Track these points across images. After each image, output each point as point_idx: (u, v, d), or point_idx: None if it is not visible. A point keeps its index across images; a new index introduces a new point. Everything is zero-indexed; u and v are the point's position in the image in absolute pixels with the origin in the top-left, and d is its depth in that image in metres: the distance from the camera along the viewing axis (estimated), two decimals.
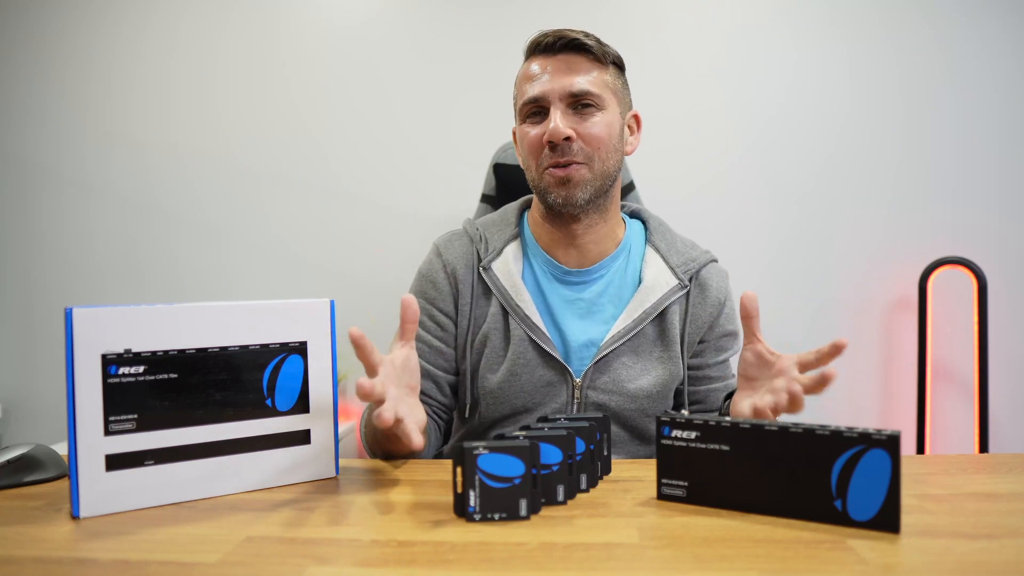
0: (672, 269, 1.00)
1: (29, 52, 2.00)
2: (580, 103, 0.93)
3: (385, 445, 0.85)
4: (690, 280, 1.01)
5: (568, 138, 0.92)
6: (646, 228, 1.07)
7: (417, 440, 0.68)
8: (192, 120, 1.99)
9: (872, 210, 1.89)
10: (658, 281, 0.99)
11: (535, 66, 0.96)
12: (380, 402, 0.66)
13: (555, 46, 0.94)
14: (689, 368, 1.02)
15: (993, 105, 1.87)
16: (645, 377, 0.97)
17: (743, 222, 1.91)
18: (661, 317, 0.99)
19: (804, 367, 0.74)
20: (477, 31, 1.93)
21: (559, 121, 0.92)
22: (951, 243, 1.86)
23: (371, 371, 0.70)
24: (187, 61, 1.99)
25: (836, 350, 0.72)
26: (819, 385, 0.69)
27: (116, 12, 1.99)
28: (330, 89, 1.97)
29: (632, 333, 0.97)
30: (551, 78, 0.94)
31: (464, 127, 1.93)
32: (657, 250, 1.03)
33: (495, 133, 1.75)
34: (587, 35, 0.95)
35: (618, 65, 0.99)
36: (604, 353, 0.96)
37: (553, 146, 0.93)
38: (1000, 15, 1.85)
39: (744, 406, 0.78)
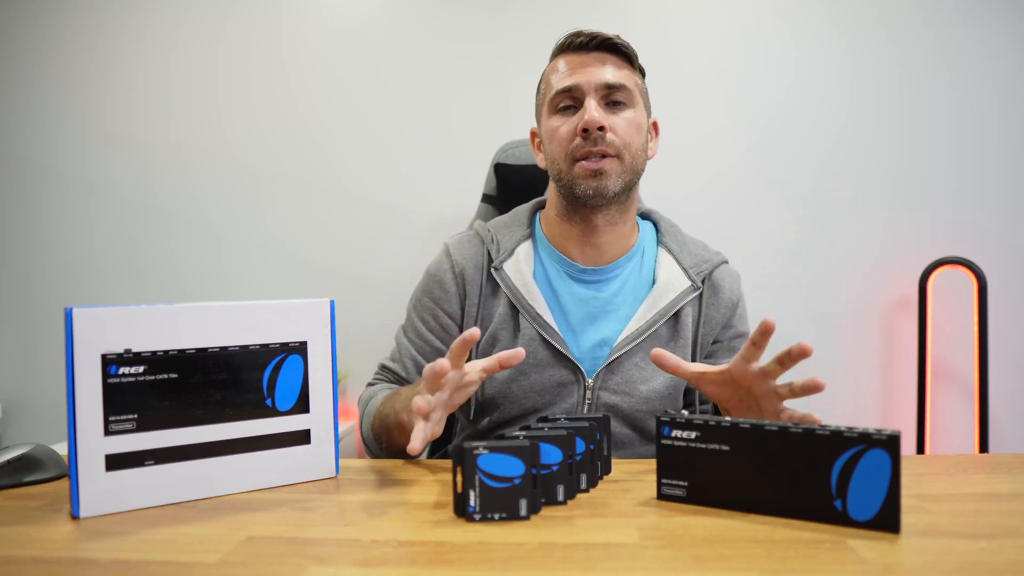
0: (685, 270, 1.00)
1: (29, 52, 2.00)
2: (612, 98, 0.94)
3: (392, 433, 0.86)
4: (703, 282, 1.00)
5: (602, 128, 0.92)
6: (657, 230, 1.07)
7: (417, 444, 0.69)
8: (192, 120, 1.99)
9: (872, 210, 1.89)
10: (671, 282, 0.99)
11: (567, 62, 0.96)
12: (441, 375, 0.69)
13: (588, 45, 0.95)
14: None
15: (993, 105, 1.87)
16: (657, 378, 0.97)
17: (743, 222, 1.90)
18: (675, 319, 0.98)
19: (772, 374, 0.72)
20: (477, 31, 1.93)
21: (595, 110, 0.91)
22: (951, 243, 1.85)
23: (433, 387, 0.72)
24: (187, 61, 1.99)
25: (802, 353, 0.69)
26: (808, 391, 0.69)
27: (116, 12, 1.99)
28: (330, 89, 1.96)
29: (646, 334, 0.96)
30: (585, 71, 0.94)
31: (464, 127, 1.93)
32: (669, 251, 1.03)
33: (495, 133, 1.76)
34: (618, 37, 0.96)
35: (642, 72, 1.01)
36: (617, 354, 0.95)
37: (587, 135, 0.92)
38: (1000, 15, 1.85)
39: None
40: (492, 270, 0.99)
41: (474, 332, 0.71)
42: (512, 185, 1.36)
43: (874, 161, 1.89)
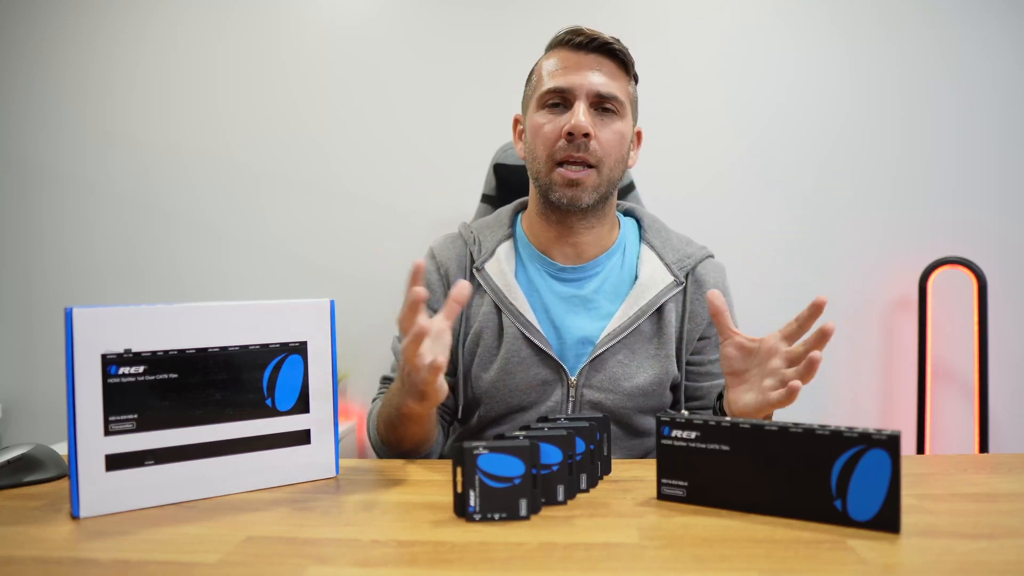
0: (668, 266, 1.00)
1: (29, 52, 2.00)
2: (603, 106, 0.94)
3: (395, 416, 0.85)
4: (686, 277, 1.00)
5: (587, 135, 0.91)
6: (640, 226, 1.07)
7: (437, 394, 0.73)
8: (192, 120, 1.99)
9: (872, 210, 1.89)
10: (654, 278, 0.99)
11: (563, 59, 0.95)
12: (418, 339, 0.71)
13: (586, 45, 0.94)
14: (690, 364, 1.01)
15: (993, 105, 1.87)
16: (641, 375, 0.96)
17: (743, 222, 1.91)
18: (658, 314, 0.98)
19: (789, 339, 0.77)
20: (477, 31, 1.93)
21: (582, 116, 0.91)
22: (951, 243, 1.85)
23: (409, 331, 0.72)
24: (187, 61, 1.99)
25: (816, 309, 0.75)
26: (808, 372, 0.72)
27: (116, 12, 1.99)
28: (330, 89, 1.96)
29: (628, 331, 0.96)
30: (580, 73, 0.93)
31: (464, 127, 1.93)
32: (652, 247, 1.03)
33: (495, 133, 1.75)
34: (618, 41, 0.96)
35: (636, 79, 1.01)
36: (600, 351, 0.95)
37: (571, 140, 0.92)
38: (1000, 15, 1.85)
39: (747, 399, 0.78)
40: (474, 271, 1.00)
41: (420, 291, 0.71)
42: (511, 185, 1.36)
43: (874, 161, 1.89)
